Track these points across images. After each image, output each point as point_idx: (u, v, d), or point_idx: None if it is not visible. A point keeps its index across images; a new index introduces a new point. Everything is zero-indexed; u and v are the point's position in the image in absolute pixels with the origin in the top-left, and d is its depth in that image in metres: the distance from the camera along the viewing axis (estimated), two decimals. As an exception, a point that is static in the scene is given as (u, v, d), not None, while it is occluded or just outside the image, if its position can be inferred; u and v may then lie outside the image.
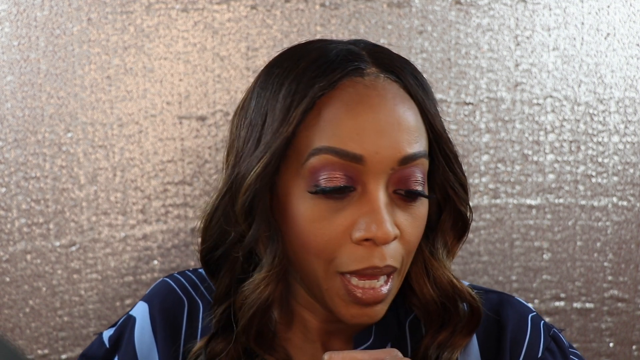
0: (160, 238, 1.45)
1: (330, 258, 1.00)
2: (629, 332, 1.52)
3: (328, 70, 1.01)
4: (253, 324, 1.05)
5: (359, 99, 1.00)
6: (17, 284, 1.43)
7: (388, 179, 1.00)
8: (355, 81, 1.01)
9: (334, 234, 0.99)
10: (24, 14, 1.40)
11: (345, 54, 1.02)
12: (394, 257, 1.00)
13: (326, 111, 1.00)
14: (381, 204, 0.98)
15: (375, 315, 1.01)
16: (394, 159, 0.99)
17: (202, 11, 1.44)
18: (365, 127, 0.99)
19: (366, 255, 0.99)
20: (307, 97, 0.99)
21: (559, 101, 1.49)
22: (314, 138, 0.99)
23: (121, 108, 1.43)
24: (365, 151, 0.98)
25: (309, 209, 1.00)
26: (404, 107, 1.01)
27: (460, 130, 1.48)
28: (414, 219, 1.01)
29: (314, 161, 0.99)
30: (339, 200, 0.99)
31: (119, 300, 1.45)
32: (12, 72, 1.40)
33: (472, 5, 1.47)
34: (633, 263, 1.52)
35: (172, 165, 1.45)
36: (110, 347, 1.13)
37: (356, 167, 0.98)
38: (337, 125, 0.99)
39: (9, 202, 1.42)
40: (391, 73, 1.02)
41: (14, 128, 1.41)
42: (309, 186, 0.99)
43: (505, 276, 1.51)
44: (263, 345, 1.06)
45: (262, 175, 1.00)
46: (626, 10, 1.49)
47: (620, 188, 1.50)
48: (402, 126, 1.00)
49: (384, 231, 0.98)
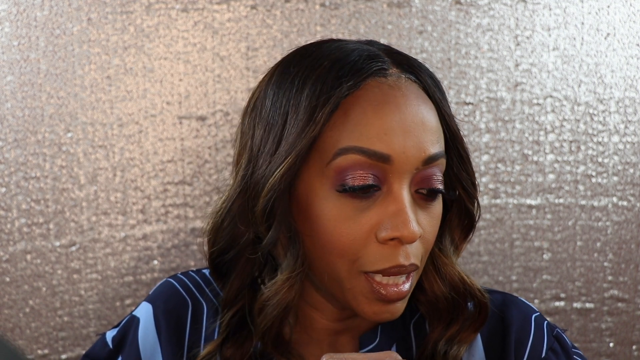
0: (160, 238, 1.45)
1: (355, 258, 1.00)
2: (629, 332, 1.52)
3: (353, 71, 1.01)
4: (273, 327, 1.05)
5: (384, 99, 1.00)
6: (17, 284, 1.43)
7: (411, 179, 1.00)
8: (379, 82, 1.01)
9: (359, 234, 0.99)
10: (24, 14, 1.40)
11: (367, 54, 1.03)
12: (416, 256, 1.01)
13: (352, 111, 1.00)
14: (407, 203, 0.99)
15: (396, 311, 1.02)
16: (419, 159, 1.00)
17: (202, 11, 1.44)
18: (392, 127, 0.99)
19: (392, 254, 1.00)
20: (334, 97, 0.99)
21: (559, 101, 1.49)
22: (339, 138, 0.99)
23: (121, 108, 1.43)
24: (393, 151, 0.99)
25: (334, 209, 1.00)
26: (426, 107, 1.02)
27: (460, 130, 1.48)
28: (432, 218, 1.03)
29: (340, 161, 0.99)
30: (365, 199, 0.99)
31: (119, 300, 1.45)
32: (12, 72, 1.40)
33: (472, 5, 1.47)
34: (633, 263, 1.52)
35: (172, 165, 1.45)
36: (114, 348, 1.13)
37: (383, 167, 0.99)
38: (364, 125, 0.99)
39: (9, 202, 1.41)
40: (411, 74, 1.03)
41: (14, 128, 1.41)
42: (336, 185, 0.99)
43: (505, 276, 1.51)
44: (280, 348, 1.07)
45: (286, 175, 1.00)
46: (626, 10, 1.49)
47: (620, 188, 1.51)
48: (425, 126, 1.01)
49: (411, 230, 0.98)
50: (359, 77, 1.00)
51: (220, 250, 1.08)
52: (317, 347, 1.10)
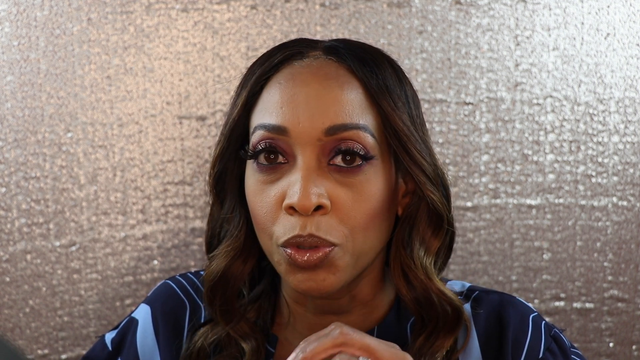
0: (160, 238, 1.45)
1: (270, 231, 1.03)
2: (629, 332, 1.52)
3: (270, 55, 1.06)
4: (216, 295, 1.09)
5: (290, 77, 1.04)
6: (17, 284, 1.43)
7: (319, 151, 1.02)
8: (293, 64, 1.05)
9: (269, 206, 1.03)
10: (24, 14, 1.40)
11: (296, 42, 1.08)
12: (324, 229, 1.01)
13: (264, 92, 1.05)
14: (304, 172, 1.01)
15: (322, 281, 1.02)
16: (318, 130, 1.01)
17: (202, 11, 1.44)
18: (289, 99, 1.03)
19: (293, 225, 1.01)
20: (251, 81, 1.05)
21: (559, 101, 1.49)
22: (254, 118, 1.05)
23: (121, 108, 1.43)
24: (288, 122, 1.02)
25: (251, 184, 1.04)
26: (337, 82, 1.04)
27: (460, 130, 1.48)
28: (356, 193, 1.02)
29: (253, 138, 1.04)
30: (272, 173, 1.03)
31: (119, 300, 1.45)
32: (12, 72, 1.40)
33: (472, 5, 1.47)
34: (633, 263, 1.52)
35: (172, 165, 1.45)
36: (113, 350, 1.14)
37: (284, 140, 1.02)
38: (268, 102, 1.04)
39: (9, 202, 1.41)
40: (333, 55, 1.06)
41: (14, 128, 1.41)
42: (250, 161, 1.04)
43: (505, 276, 1.51)
44: (228, 318, 1.09)
45: (220, 157, 1.07)
46: (626, 10, 1.49)
47: (620, 188, 1.50)
48: (328, 97, 1.02)
49: (302, 199, 1.00)
50: (273, 60, 1.05)
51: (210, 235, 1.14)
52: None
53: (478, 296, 1.10)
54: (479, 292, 1.11)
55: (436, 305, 1.06)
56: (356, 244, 1.03)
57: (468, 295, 1.11)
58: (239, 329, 1.10)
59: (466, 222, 1.49)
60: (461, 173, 1.48)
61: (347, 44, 1.07)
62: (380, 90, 1.04)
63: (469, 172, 1.48)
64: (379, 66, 1.05)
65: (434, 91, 1.47)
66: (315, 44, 1.07)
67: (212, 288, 1.09)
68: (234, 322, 1.09)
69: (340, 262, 1.02)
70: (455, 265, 1.49)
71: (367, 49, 1.07)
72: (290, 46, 1.07)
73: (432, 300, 1.06)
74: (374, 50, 1.08)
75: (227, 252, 1.08)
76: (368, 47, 1.08)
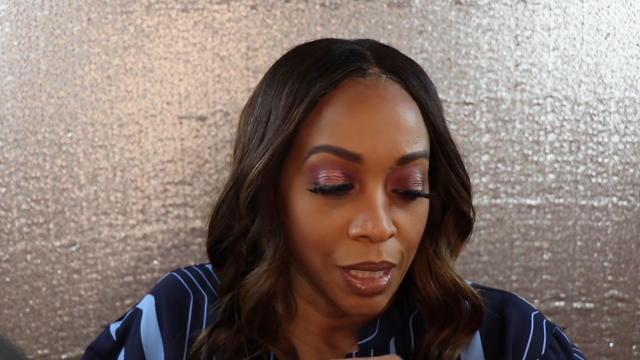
0: (160, 238, 1.45)
1: (328, 252, 1.02)
2: (629, 332, 1.52)
3: (330, 70, 1.02)
4: (256, 316, 1.07)
5: (359, 99, 1.01)
6: (17, 284, 1.43)
7: (386, 178, 1.01)
8: (356, 81, 1.02)
9: (330, 229, 1.01)
10: (24, 14, 1.40)
11: (349, 54, 1.03)
12: (390, 254, 1.02)
13: (327, 110, 1.01)
14: (378, 202, 1.00)
15: (375, 306, 1.03)
16: (392, 159, 1.00)
17: (202, 11, 1.44)
18: (364, 126, 1.00)
19: (363, 251, 1.01)
20: (309, 96, 1.01)
21: (559, 101, 1.49)
22: (314, 136, 1.01)
23: (121, 108, 1.43)
24: (364, 150, 0.99)
25: (308, 204, 1.01)
26: (404, 107, 1.02)
27: (460, 130, 1.48)
28: (413, 216, 1.03)
29: (313, 159, 1.01)
30: (337, 197, 1.01)
31: (119, 300, 1.45)
32: (12, 72, 1.40)
33: (472, 5, 1.47)
34: (633, 263, 1.52)
35: (172, 165, 1.45)
36: (117, 340, 1.14)
37: (354, 166, 1.00)
38: (336, 125, 1.00)
39: (9, 202, 1.42)
40: (393, 74, 1.04)
41: (14, 128, 1.41)
42: (309, 184, 1.01)
43: (505, 276, 1.51)
44: (266, 336, 1.09)
45: (264, 171, 1.02)
46: (626, 10, 1.49)
47: (620, 188, 1.50)
48: (401, 126, 1.01)
49: (380, 229, 0.99)
50: (335, 76, 1.01)
51: (215, 241, 1.12)
52: (312, 339, 1.11)
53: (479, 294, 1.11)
54: (480, 290, 1.11)
55: (461, 303, 1.08)
56: (408, 262, 1.05)
57: None
58: (281, 346, 1.09)
59: (466, 222, 1.49)
60: (461, 173, 1.48)
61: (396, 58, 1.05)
62: (436, 113, 1.04)
63: (469, 172, 1.48)
64: (427, 82, 1.05)
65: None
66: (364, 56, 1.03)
67: (253, 309, 1.07)
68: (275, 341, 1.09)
69: (394, 282, 1.04)
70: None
71: (414, 64, 1.06)
72: (346, 59, 1.03)
73: (458, 298, 1.08)
74: (413, 62, 1.07)
75: (270, 272, 1.06)
76: (409, 59, 1.07)
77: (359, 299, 1.02)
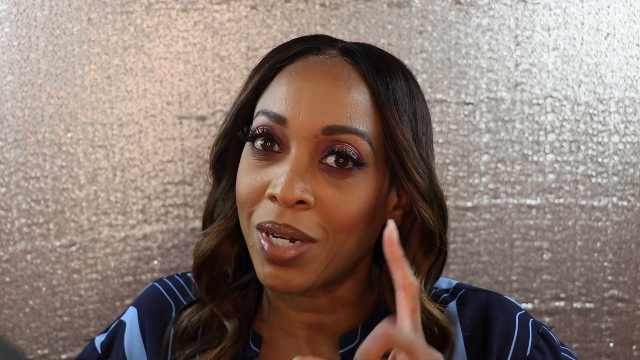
0: (160, 238, 1.45)
1: (250, 211, 1.04)
2: (629, 332, 1.52)
3: (289, 47, 1.07)
4: (203, 272, 1.10)
5: (301, 70, 1.05)
6: (17, 284, 1.43)
7: (314, 148, 1.02)
8: (308, 58, 1.06)
9: (253, 188, 1.03)
10: (24, 14, 1.40)
11: (317, 37, 1.09)
12: (302, 223, 1.02)
13: (275, 80, 1.06)
14: (294, 165, 1.01)
15: (289, 280, 1.03)
16: (316, 127, 1.02)
17: (202, 11, 1.44)
18: (294, 92, 1.03)
19: (272, 209, 1.02)
20: (265, 67, 1.07)
21: (559, 101, 1.49)
22: (260, 103, 1.06)
23: (121, 108, 1.43)
24: (289, 114, 1.03)
25: (244, 165, 1.06)
26: (346, 84, 1.04)
27: (460, 130, 1.48)
28: (344, 194, 1.02)
29: (254, 123, 1.05)
30: (265, 159, 1.04)
31: (119, 300, 1.45)
32: (12, 72, 1.40)
33: (472, 5, 1.47)
34: (633, 263, 1.52)
35: (172, 165, 1.45)
36: (102, 353, 1.16)
37: (282, 130, 1.03)
38: (275, 91, 1.05)
39: (9, 202, 1.41)
40: (350, 57, 1.06)
41: (14, 128, 1.41)
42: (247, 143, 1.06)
43: (505, 276, 1.51)
44: (213, 296, 1.11)
45: (222, 136, 1.09)
46: (626, 10, 1.49)
47: (620, 188, 1.50)
48: (334, 97, 1.03)
49: (284, 191, 1.00)
50: (290, 51, 1.06)
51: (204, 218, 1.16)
52: (292, 341, 1.10)
53: (465, 294, 1.10)
54: (465, 290, 1.10)
55: (424, 326, 1.04)
56: (335, 244, 1.03)
57: (454, 293, 1.11)
58: (222, 307, 1.11)
59: (466, 222, 1.49)
60: (461, 173, 1.48)
61: (365, 49, 1.08)
62: (388, 101, 1.04)
63: (469, 172, 1.48)
64: (393, 76, 1.06)
65: (434, 91, 1.47)
66: (334, 43, 1.08)
67: (200, 265, 1.10)
68: (218, 299, 1.10)
69: (314, 261, 1.02)
70: (455, 265, 1.49)
71: (384, 58, 1.07)
72: (310, 40, 1.08)
73: (432, 326, 1.05)
74: (392, 60, 1.08)
75: (218, 232, 1.10)
76: (387, 55, 1.09)
77: (272, 268, 1.02)
